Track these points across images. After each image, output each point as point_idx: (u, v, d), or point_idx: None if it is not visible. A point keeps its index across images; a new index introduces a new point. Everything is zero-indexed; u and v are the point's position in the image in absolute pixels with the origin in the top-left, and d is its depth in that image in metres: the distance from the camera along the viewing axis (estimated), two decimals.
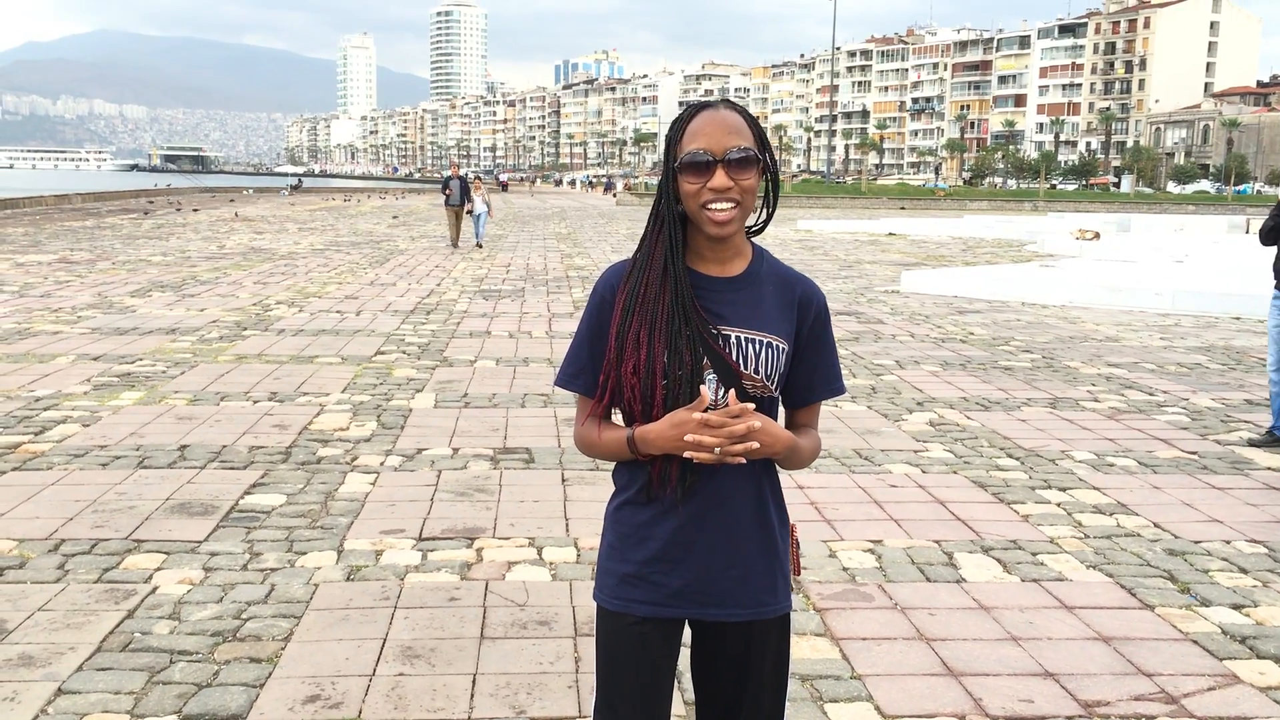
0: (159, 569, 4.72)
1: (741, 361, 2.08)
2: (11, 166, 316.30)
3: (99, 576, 4.61)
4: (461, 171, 26.13)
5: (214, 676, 3.73)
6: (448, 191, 25.37)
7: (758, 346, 2.09)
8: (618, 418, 2.19)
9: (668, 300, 2.07)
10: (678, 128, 2.09)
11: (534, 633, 4.15)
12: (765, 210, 2.17)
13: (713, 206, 2.03)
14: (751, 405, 2.01)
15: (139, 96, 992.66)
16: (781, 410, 2.24)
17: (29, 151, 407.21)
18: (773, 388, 2.12)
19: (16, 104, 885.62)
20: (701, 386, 2.01)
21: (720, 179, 2.02)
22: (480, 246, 25.29)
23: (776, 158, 2.15)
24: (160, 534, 5.16)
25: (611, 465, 2.22)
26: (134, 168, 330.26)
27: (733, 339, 2.08)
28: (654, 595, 2.12)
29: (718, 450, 1.98)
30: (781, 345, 2.11)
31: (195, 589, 4.50)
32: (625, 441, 2.09)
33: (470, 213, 25.57)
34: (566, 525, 5.43)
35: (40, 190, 60.44)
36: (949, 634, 4.21)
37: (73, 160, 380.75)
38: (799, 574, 2.28)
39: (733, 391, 2.03)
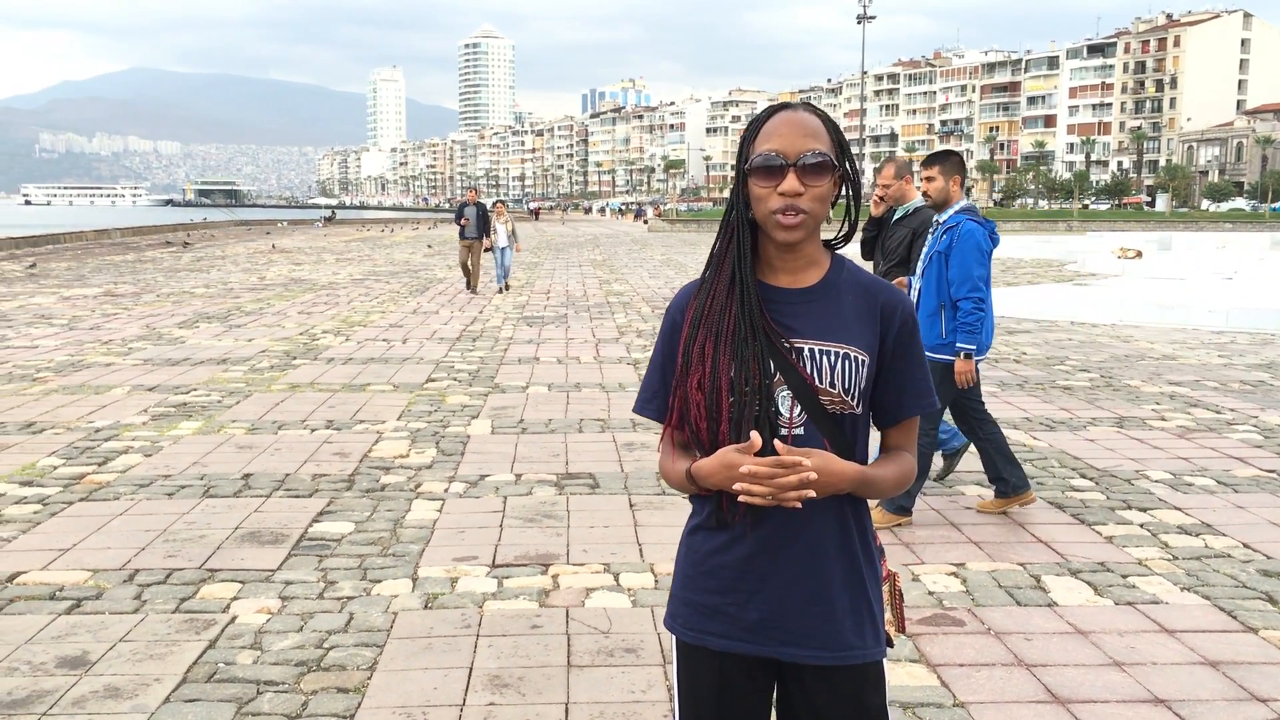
0: (235, 598, 4.67)
1: (816, 375, 1.91)
2: (49, 203, 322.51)
3: (177, 606, 4.57)
4: (480, 198, 21.85)
5: (303, 707, 3.66)
6: (464, 221, 20.83)
7: (833, 358, 1.91)
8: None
9: (734, 311, 1.92)
10: (752, 129, 1.93)
11: (622, 660, 4.06)
12: (847, 222, 2.03)
13: (782, 213, 1.88)
14: (804, 460, 1.80)
15: (172, 132, 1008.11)
16: (875, 434, 2.06)
17: (66, 189, 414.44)
18: (853, 403, 1.94)
19: (53, 142, 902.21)
20: (753, 432, 1.84)
21: (791, 183, 1.87)
22: (502, 290, 20.99)
23: (858, 166, 2.02)
24: (233, 563, 5.11)
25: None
26: (169, 203, 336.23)
27: (805, 351, 1.91)
28: (730, 628, 1.95)
29: (770, 497, 1.81)
30: (861, 357, 1.93)
31: (274, 618, 4.44)
32: (685, 475, 1.95)
33: (490, 249, 21.12)
34: (640, 551, 5.34)
35: (79, 226, 61.31)
36: (1049, 660, 4.08)
37: (109, 196, 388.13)
38: (904, 629, 2.08)
39: (782, 443, 1.84)
